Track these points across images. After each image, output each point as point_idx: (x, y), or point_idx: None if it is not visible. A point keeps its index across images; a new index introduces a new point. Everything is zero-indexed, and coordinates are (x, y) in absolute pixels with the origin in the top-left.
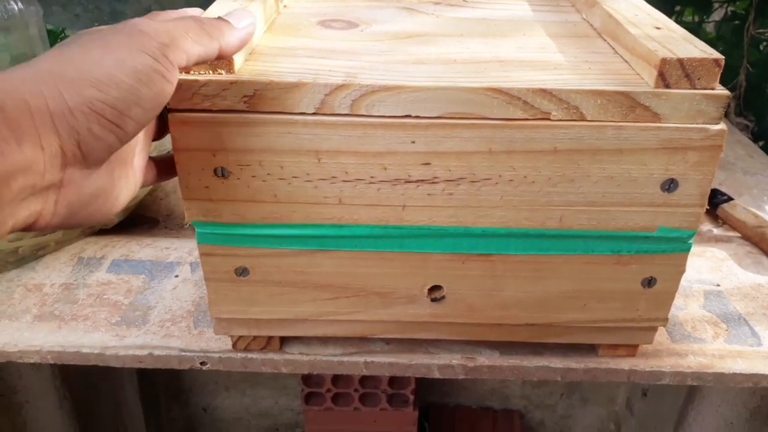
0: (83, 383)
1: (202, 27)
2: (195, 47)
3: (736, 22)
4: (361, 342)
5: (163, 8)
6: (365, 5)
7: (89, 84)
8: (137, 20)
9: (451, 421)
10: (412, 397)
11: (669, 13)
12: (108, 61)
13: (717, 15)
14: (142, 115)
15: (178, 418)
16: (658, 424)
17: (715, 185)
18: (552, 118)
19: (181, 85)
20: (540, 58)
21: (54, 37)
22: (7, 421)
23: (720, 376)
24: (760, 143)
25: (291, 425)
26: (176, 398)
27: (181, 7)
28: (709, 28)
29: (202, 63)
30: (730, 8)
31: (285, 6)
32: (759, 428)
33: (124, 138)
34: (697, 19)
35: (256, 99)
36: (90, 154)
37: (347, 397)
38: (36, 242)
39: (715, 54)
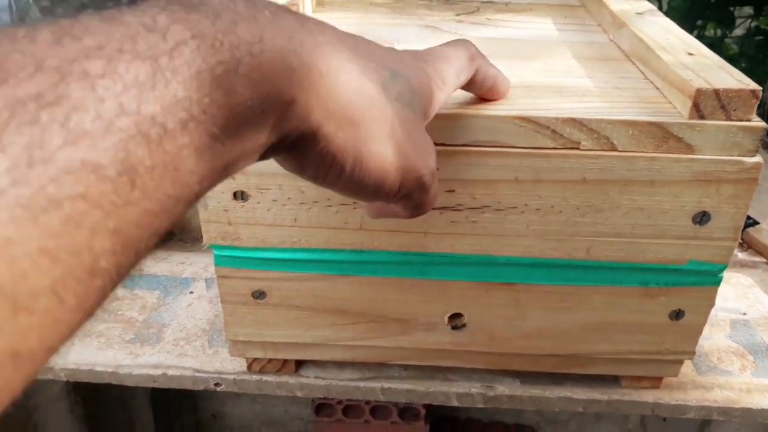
0: (95, 388)
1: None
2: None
3: (760, 37)
4: (379, 367)
5: None
6: (388, 23)
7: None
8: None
9: None
10: (423, 411)
11: (691, 27)
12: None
13: (740, 30)
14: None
15: (188, 425)
16: None
17: None
18: (581, 147)
19: None
20: (568, 84)
21: None
22: (18, 426)
23: (747, 412)
24: None
25: None
26: (187, 404)
27: None
28: (731, 42)
29: None
30: (754, 23)
31: None
32: None
33: None
34: (719, 33)
35: None
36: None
37: (358, 409)
38: None
39: (752, 84)
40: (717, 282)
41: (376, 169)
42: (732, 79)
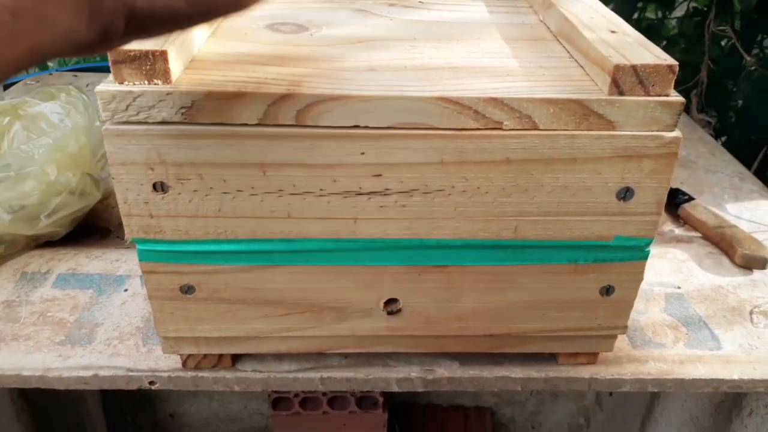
0: (42, 393)
1: None
2: None
3: (698, 18)
4: (318, 357)
5: None
6: (318, 6)
7: None
8: None
9: (422, 420)
10: (381, 399)
11: (632, 9)
12: None
13: (679, 11)
14: None
15: (146, 426)
16: (626, 418)
17: (676, 184)
18: (504, 127)
19: (115, 97)
20: (493, 64)
21: None
22: None
23: (680, 382)
24: (722, 139)
25: (260, 429)
26: (142, 405)
27: None
28: (672, 24)
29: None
30: (692, 4)
31: None
32: (723, 423)
33: None
34: (659, 15)
35: (195, 110)
36: None
37: (315, 400)
38: None
39: (669, 60)
40: (644, 256)
41: None
42: (650, 55)
